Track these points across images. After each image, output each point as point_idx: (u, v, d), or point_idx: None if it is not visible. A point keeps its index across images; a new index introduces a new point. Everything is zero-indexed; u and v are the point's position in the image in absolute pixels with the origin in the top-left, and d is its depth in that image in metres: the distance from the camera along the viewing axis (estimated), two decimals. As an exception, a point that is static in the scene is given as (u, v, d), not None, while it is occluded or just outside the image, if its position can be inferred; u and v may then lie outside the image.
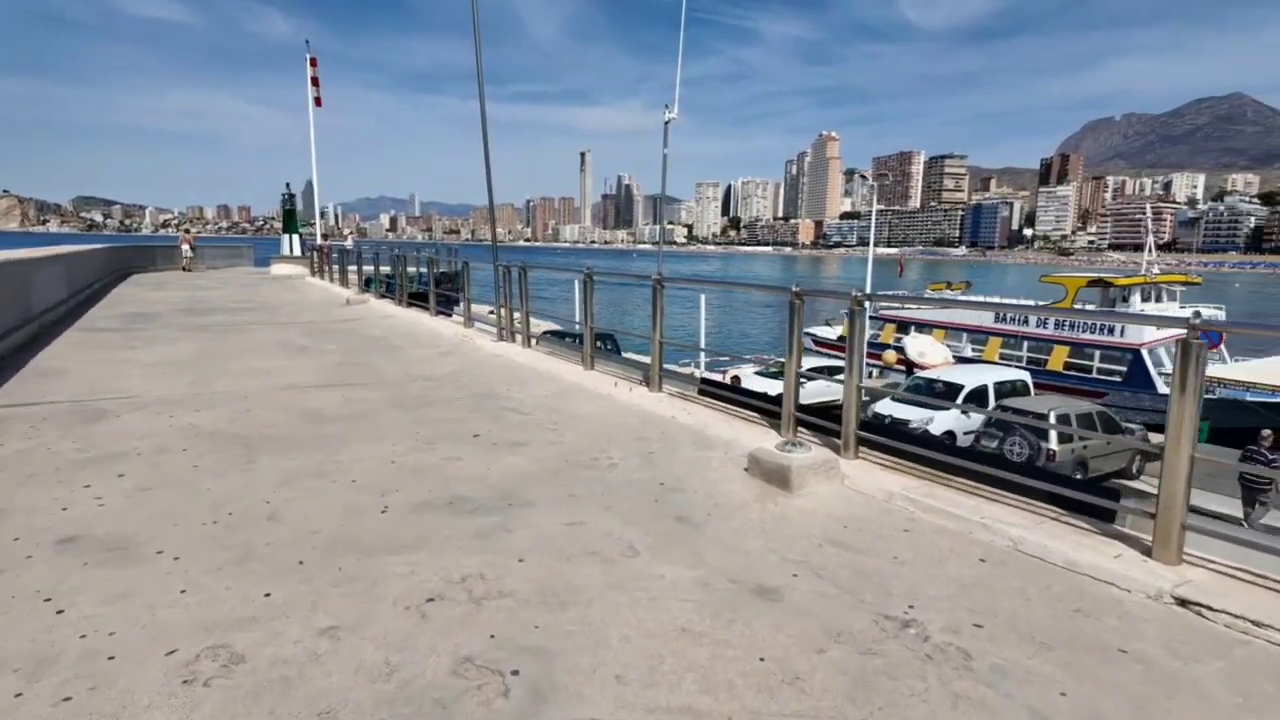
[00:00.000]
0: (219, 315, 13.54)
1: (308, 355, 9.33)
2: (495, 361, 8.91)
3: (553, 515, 3.97)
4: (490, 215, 10.46)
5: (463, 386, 7.42)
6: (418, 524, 3.83)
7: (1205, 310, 25.96)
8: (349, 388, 7.30)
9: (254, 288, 20.89)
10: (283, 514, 3.96)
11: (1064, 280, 26.42)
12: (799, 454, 4.38)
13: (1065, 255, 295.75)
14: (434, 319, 12.64)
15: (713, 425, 5.65)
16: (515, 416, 6.17)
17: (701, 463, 4.90)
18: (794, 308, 5.15)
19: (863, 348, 4.83)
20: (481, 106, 10.60)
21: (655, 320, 6.77)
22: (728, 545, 3.61)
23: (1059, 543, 3.46)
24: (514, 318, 9.89)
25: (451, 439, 5.46)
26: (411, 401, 6.70)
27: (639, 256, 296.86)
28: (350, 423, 5.92)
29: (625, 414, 6.22)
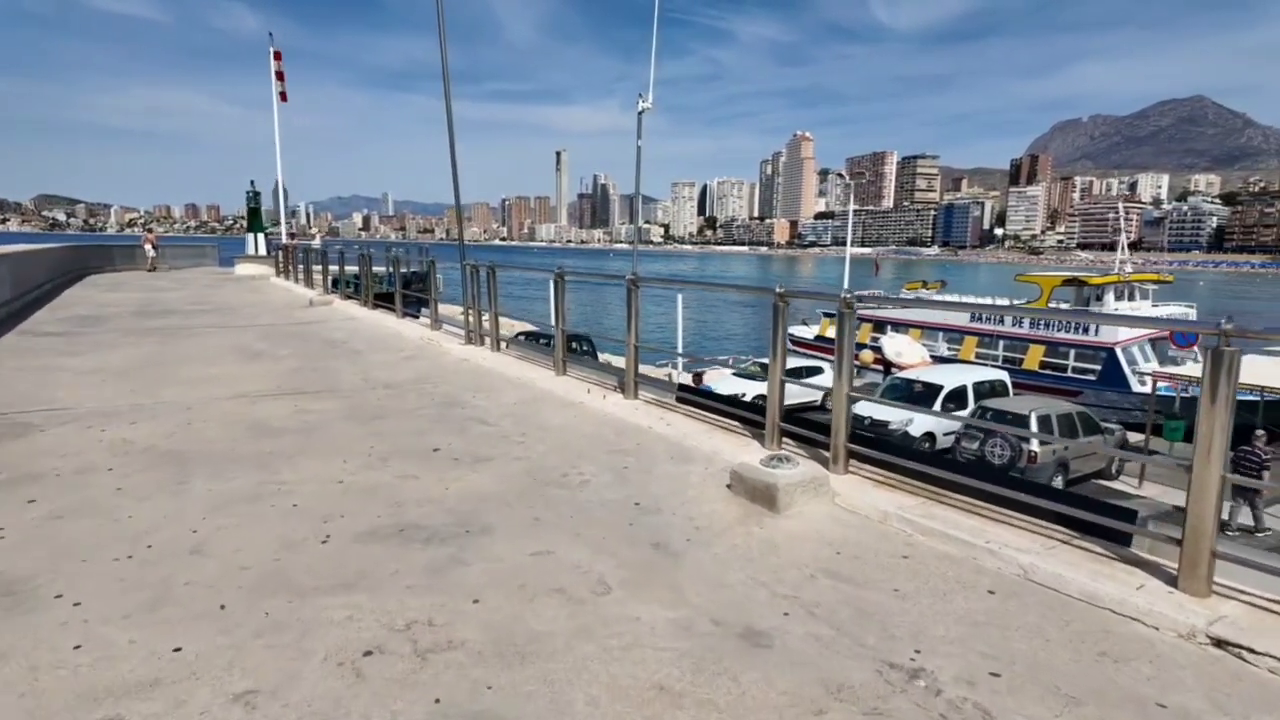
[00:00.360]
0: (172, 318, 12.91)
1: (262, 361, 8.81)
2: (462, 367, 8.46)
3: (516, 544, 3.56)
4: (457, 213, 10.00)
5: (425, 394, 6.97)
6: (362, 557, 3.41)
7: (1177, 308, 26.21)
8: (302, 397, 6.81)
9: (214, 289, 20.14)
10: (210, 546, 3.52)
11: (1039, 279, 26.48)
12: (786, 470, 4.02)
13: (1035, 254, 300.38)
14: (400, 321, 12.13)
15: (692, 436, 5.27)
16: (480, 428, 5.75)
17: (680, 479, 4.52)
18: (778, 310, 4.79)
19: (852, 352, 4.48)
20: (447, 104, 10.14)
21: (630, 323, 6.39)
22: (710, 578, 3.23)
23: (1074, 571, 3.14)
24: (483, 320, 9.45)
25: (408, 454, 5.02)
26: (368, 412, 6.24)
27: (615, 256, 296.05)
28: (299, 437, 5.46)
29: (598, 424, 5.82)
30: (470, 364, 8.58)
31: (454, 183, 10.27)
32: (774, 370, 4.90)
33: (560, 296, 7.48)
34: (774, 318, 4.83)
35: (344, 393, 7.05)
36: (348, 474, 4.60)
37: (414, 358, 9.07)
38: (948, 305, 27.54)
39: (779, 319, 4.82)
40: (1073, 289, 26.10)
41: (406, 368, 8.39)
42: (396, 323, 11.99)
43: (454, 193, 9.99)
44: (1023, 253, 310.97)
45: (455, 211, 11.28)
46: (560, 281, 7.39)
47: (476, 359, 8.73)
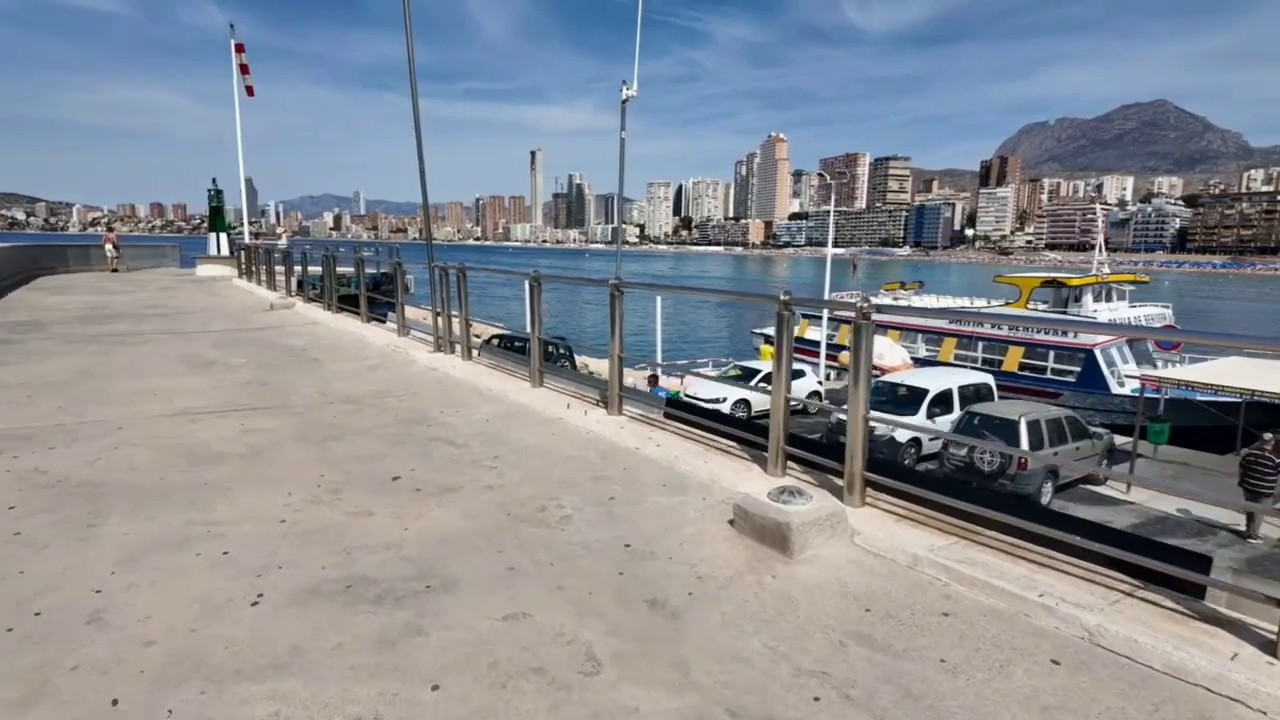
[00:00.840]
0: (119, 323, 12.08)
1: (211, 372, 8.11)
2: (429, 377, 7.84)
3: (485, 603, 2.99)
4: (424, 212, 9.36)
5: (387, 410, 6.35)
6: (299, 624, 2.82)
7: (1154, 309, 26.27)
8: (250, 414, 6.16)
9: (172, 291, 19.20)
10: (113, 612, 2.90)
11: (1018, 281, 26.40)
12: (799, 506, 3.50)
13: (1005, 254, 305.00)
14: (365, 326, 11.45)
15: (685, 459, 4.73)
16: (447, 450, 5.15)
17: (675, 513, 3.98)
18: (782, 319, 4.27)
19: (869, 368, 3.97)
20: (414, 103, 9.51)
21: (613, 330, 5.83)
22: (720, 647, 2.69)
23: (1150, 635, 2.64)
24: (453, 326, 8.83)
25: (365, 484, 4.42)
26: (322, 431, 5.61)
27: (591, 256, 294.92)
28: (241, 463, 4.82)
29: (580, 444, 5.26)
30: (439, 374, 7.97)
31: (421, 181, 9.63)
32: (778, 386, 4.38)
33: (536, 301, 6.91)
34: (778, 327, 4.31)
35: (298, 409, 6.40)
36: (292, 510, 3.98)
37: (378, 367, 8.42)
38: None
39: (784, 329, 4.30)
40: (1052, 290, 26.04)
41: (369, 379, 7.75)
42: (361, 328, 11.31)
43: (421, 191, 9.35)
44: (993, 253, 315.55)
45: (432, 211, 10.65)
46: (537, 285, 6.82)
47: (446, 368, 8.11)
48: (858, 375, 3.92)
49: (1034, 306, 25.70)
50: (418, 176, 9.87)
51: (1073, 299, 25.47)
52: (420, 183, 10.01)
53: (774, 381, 4.40)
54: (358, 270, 11.58)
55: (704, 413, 5.51)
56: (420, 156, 10.05)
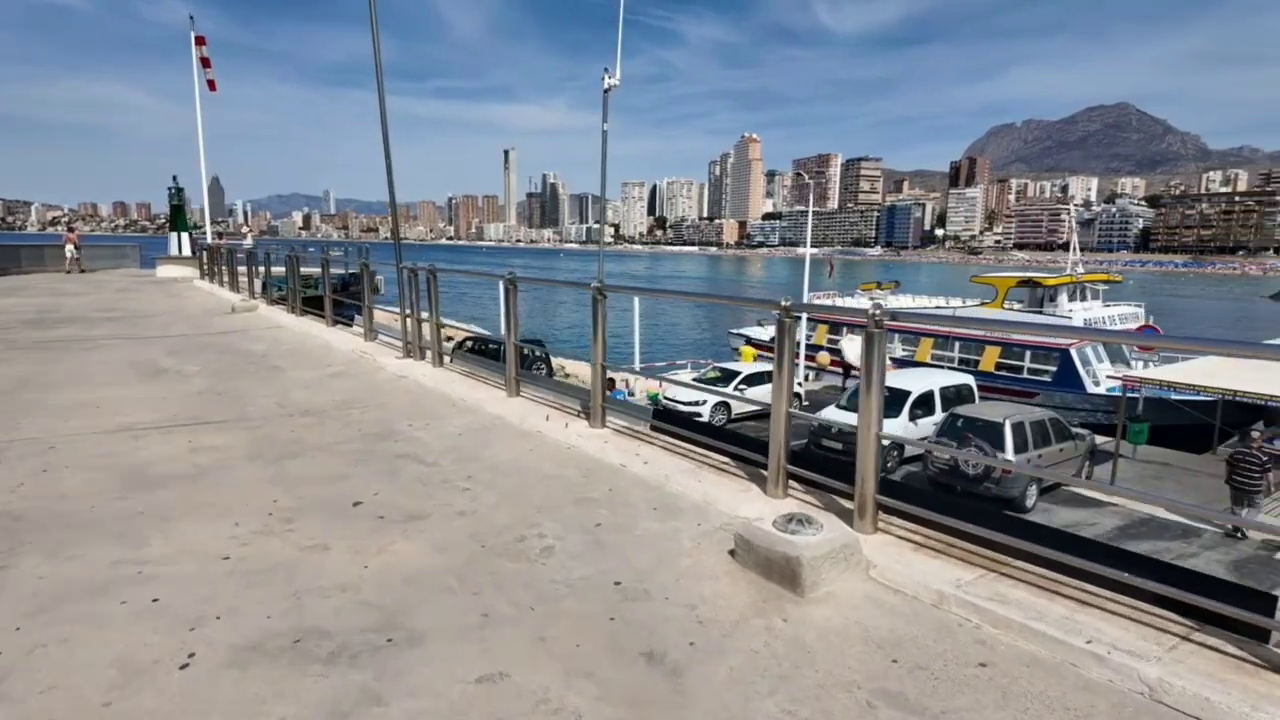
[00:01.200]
0: (69, 328, 11.41)
1: (163, 381, 7.57)
2: (397, 386, 7.37)
3: (456, 660, 2.59)
4: (392, 210, 8.87)
5: (351, 423, 5.89)
6: (235, 692, 2.39)
7: (1127, 308, 26.48)
8: (200, 429, 5.66)
9: (129, 293, 18.40)
10: (12, 681, 2.44)
11: (995, 280, 26.45)
12: (809, 536, 3.13)
13: (974, 254, 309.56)
14: (330, 330, 10.91)
15: (676, 478, 4.35)
16: (415, 469, 4.72)
17: (669, 541, 3.60)
18: (784, 327, 3.90)
19: (881, 381, 3.62)
20: (380, 99, 9.03)
21: (596, 337, 5.44)
22: (730, 712, 2.31)
23: (1222, 691, 2.32)
24: (423, 330, 8.37)
25: (322, 510, 3.98)
26: (279, 449, 5.15)
27: (566, 256, 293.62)
28: (185, 486, 4.35)
29: (561, 461, 4.85)
30: (407, 383, 7.50)
31: (388, 180, 9.14)
32: (779, 397, 4.02)
33: (512, 304, 6.49)
34: (779, 334, 3.95)
35: (254, 422, 5.92)
36: (238, 544, 3.53)
37: (342, 375, 7.93)
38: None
39: (785, 338, 3.93)
40: (1027, 290, 26.12)
41: (332, 388, 7.27)
42: (326, 332, 10.77)
43: (388, 190, 8.86)
44: (962, 253, 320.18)
45: (403, 211, 10.15)
46: (512, 288, 6.39)
47: (415, 375, 7.65)
48: (870, 387, 3.56)
49: (1009, 306, 25.76)
50: (382, 175, 9.39)
51: (1048, 299, 25.56)
52: (387, 182, 9.53)
53: (774, 394, 4.04)
54: (323, 272, 11.04)
55: (696, 426, 5.14)
56: (387, 155, 9.57)
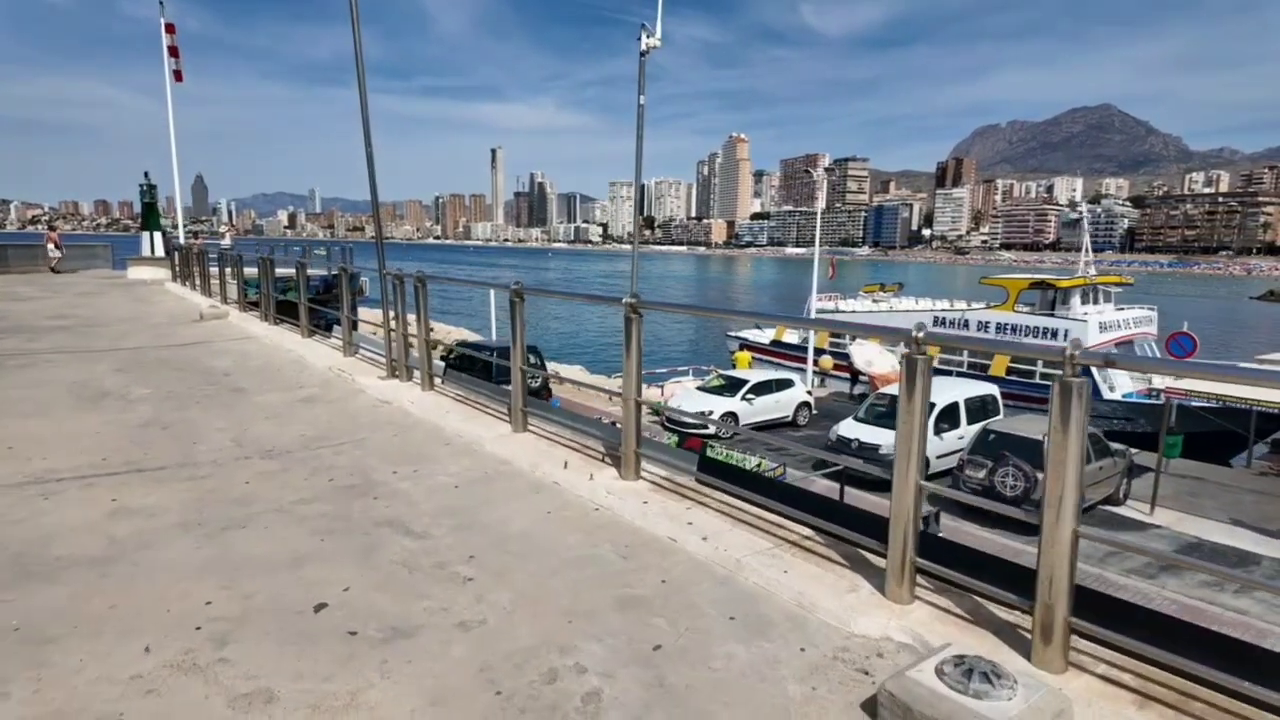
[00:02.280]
0: (8, 340, 10.16)
1: (101, 409, 6.39)
2: (379, 415, 6.24)
3: None
4: (375, 211, 7.70)
5: (321, 469, 4.76)
6: None
7: (1140, 311, 25.68)
8: (132, 480, 4.52)
9: (91, 297, 17.08)
10: None
11: (1005, 282, 25.56)
12: (1000, 699, 2.05)
13: (961, 254, 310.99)
14: (305, 342, 9.73)
15: (750, 564, 3.26)
16: (400, 544, 3.60)
17: (765, 683, 2.50)
18: (914, 366, 2.82)
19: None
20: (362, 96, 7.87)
21: (629, 363, 4.34)
22: None
23: None
24: (409, 344, 7.24)
25: (271, 620, 2.86)
26: (225, 512, 4.01)
27: (554, 255, 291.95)
28: (87, 578, 3.22)
29: (591, 532, 3.75)
30: (392, 410, 6.37)
31: (370, 179, 7.96)
32: (905, 463, 2.94)
33: (518, 322, 5.37)
34: (907, 376, 2.87)
35: (200, 468, 4.78)
36: (139, 694, 2.41)
37: (315, 400, 6.78)
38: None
39: (914, 376, 2.86)
40: (1039, 292, 25.26)
41: (302, 418, 6.12)
42: (301, 345, 9.59)
43: (371, 190, 7.69)
44: (949, 253, 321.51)
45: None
46: (519, 301, 5.28)
47: (401, 401, 6.52)
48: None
49: (1020, 309, 24.88)
50: (378, 175, 8.27)
51: (1060, 301, 24.71)
52: (369, 181, 8.39)
53: (899, 458, 2.96)
54: (298, 275, 9.85)
55: (758, 483, 4.05)
56: (369, 153, 8.43)
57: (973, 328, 25.06)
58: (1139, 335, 24.73)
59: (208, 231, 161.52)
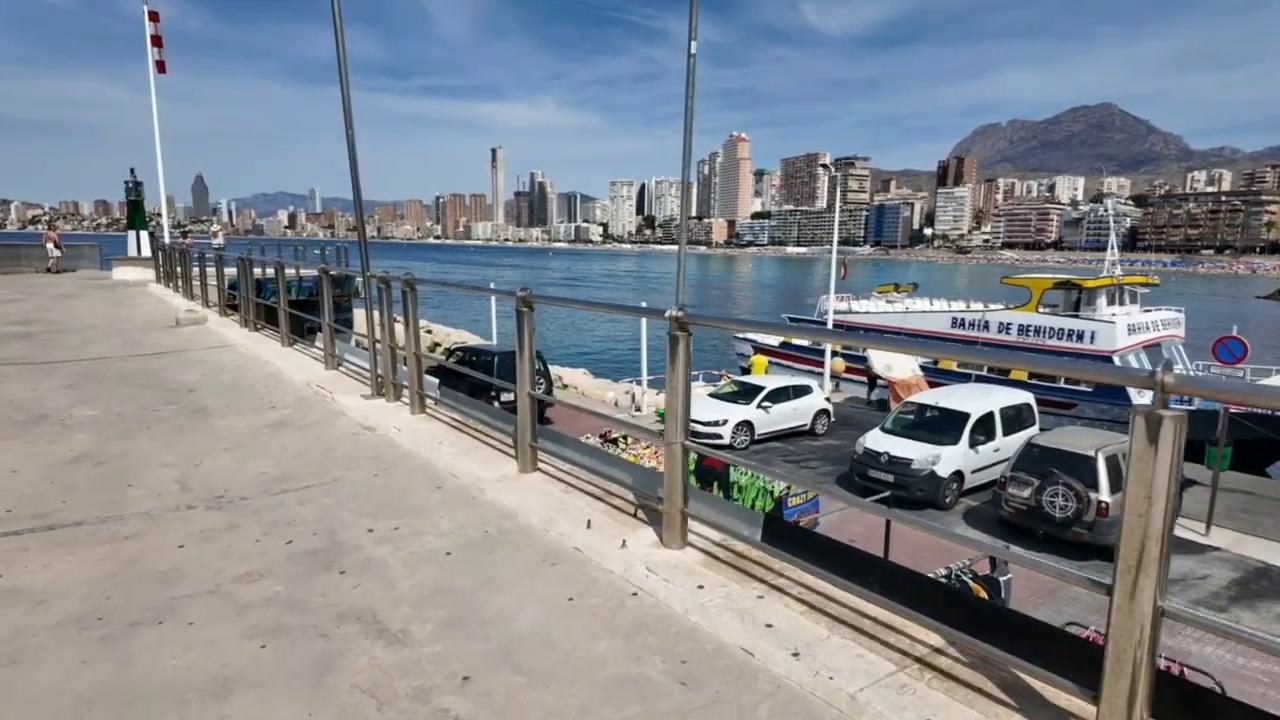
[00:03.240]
0: (-44, 349, 9.18)
1: (30, 436, 5.40)
2: (359, 445, 5.23)
3: None
4: (357, 208, 6.67)
5: (279, 524, 3.76)
6: None
7: (1168, 313, 24.68)
8: (35, 541, 3.52)
9: (68, 299, 16.10)
10: None
11: (1028, 282, 24.54)
12: None
13: (963, 253, 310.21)
14: (285, 353, 8.73)
15: (874, 703, 2.25)
16: (369, 655, 2.60)
17: None
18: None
19: None
20: (344, 88, 6.89)
21: (675, 400, 3.33)
22: None
23: None
24: (397, 359, 6.24)
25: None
26: (140, 595, 3.01)
27: (555, 255, 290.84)
28: (-92, 723, 2.22)
29: (631, 636, 2.75)
30: (374, 439, 5.37)
31: (352, 171, 6.95)
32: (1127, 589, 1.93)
33: (526, 334, 4.36)
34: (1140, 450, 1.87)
35: (126, 523, 3.78)
36: None
37: (286, 425, 5.78)
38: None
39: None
40: (1063, 292, 24.25)
41: (267, 449, 5.12)
42: (279, 355, 8.58)
43: (353, 186, 6.66)
44: (951, 252, 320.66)
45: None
46: (527, 310, 4.27)
47: (385, 428, 5.52)
48: None
49: (1043, 310, 23.85)
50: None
51: (1085, 302, 23.70)
52: (352, 177, 7.41)
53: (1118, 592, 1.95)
54: (277, 277, 8.83)
55: (857, 562, 3.03)
56: (351, 147, 7.44)
57: (993, 330, 24.05)
58: (1166, 338, 23.73)
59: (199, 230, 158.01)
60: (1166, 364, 1.79)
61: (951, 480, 12.75)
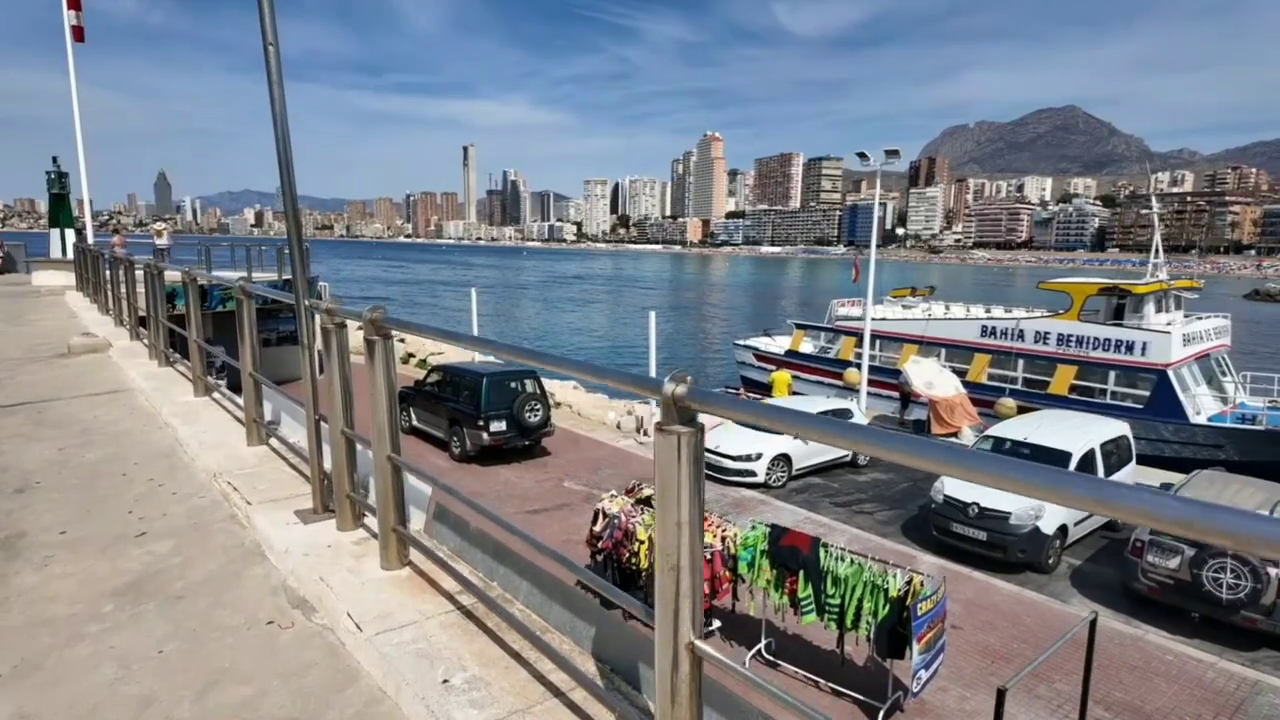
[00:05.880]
0: None
1: None
2: (275, 663, 2.58)
3: None
4: (289, 216, 3.93)
5: None
6: None
7: (1218, 321, 22.68)
8: None
9: (-46, 313, 13.06)
10: None
11: (1069, 287, 22.34)
12: None
13: (935, 253, 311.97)
14: (197, 405, 5.99)
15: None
16: None
17: None
18: None
19: None
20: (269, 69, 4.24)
21: None
22: None
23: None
24: (357, 452, 3.57)
25: None
26: None
27: (529, 255, 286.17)
28: None
29: None
30: (310, 642, 2.71)
31: (280, 166, 4.25)
32: None
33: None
34: None
35: None
36: None
37: (149, 590, 3.09)
38: None
39: None
40: (1106, 298, 22.11)
41: (87, 677, 2.44)
42: (186, 412, 5.82)
43: (282, 182, 3.90)
44: (924, 251, 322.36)
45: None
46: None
47: (333, 609, 2.87)
48: None
49: (1085, 318, 21.70)
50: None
51: (1132, 309, 21.58)
52: (280, 173, 4.78)
53: None
54: (187, 295, 6.05)
55: None
56: (281, 144, 4.83)
57: (1029, 339, 21.84)
58: (1217, 348, 21.72)
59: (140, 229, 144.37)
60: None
61: (1055, 537, 10.38)
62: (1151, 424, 19.41)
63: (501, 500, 12.51)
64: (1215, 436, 19.10)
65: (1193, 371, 20.47)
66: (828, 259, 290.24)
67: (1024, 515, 10.18)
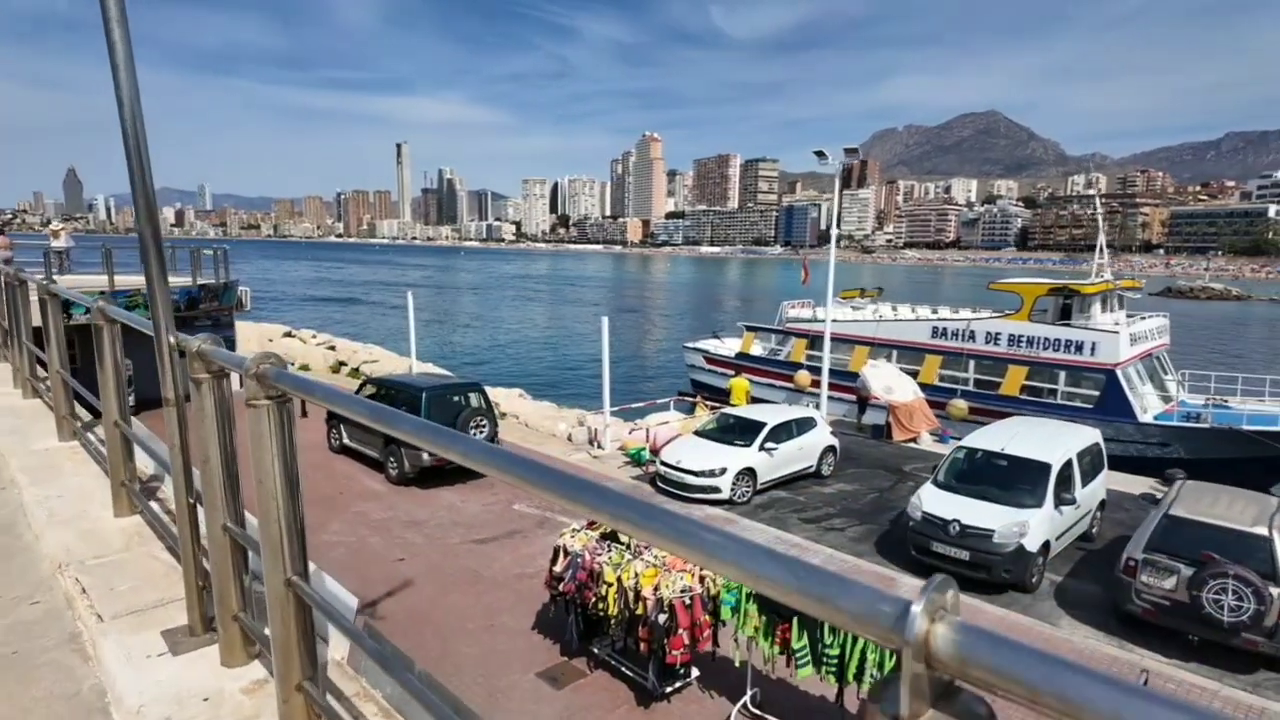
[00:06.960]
0: None
1: None
2: None
3: None
4: (138, 204, 3.08)
5: None
6: None
7: (1158, 320, 23.07)
8: None
9: None
10: None
11: (1019, 287, 22.35)
12: None
13: (868, 253, 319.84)
14: (60, 453, 4.74)
15: None
16: None
17: None
18: None
19: None
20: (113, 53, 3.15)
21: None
22: None
23: None
24: (250, 556, 2.53)
25: None
26: None
27: (467, 255, 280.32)
28: None
29: None
30: None
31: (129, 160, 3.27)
32: None
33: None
34: None
35: None
36: None
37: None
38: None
39: None
40: (1054, 299, 22.22)
41: None
42: (43, 466, 4.57)
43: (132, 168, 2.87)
44: (857, 251, 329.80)
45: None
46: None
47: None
48: None
49: (1034, 318, 21.75)
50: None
51: (1079, 309, 21.72)
52: (129, 168, 3.67)
53: None
54: (43, 313, 4.78)
55: None
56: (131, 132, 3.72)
57: (980, 340, 21.75)
58: (1159, 347, 22.08)
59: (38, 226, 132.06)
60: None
61: (1039, 555, 9.88)
62: (1103, 423, 19.49)
63: (445, 529, 11.35)
64: (1165, 435, 19.30)
65: (1139, 371, 20.70)
66: (765, 259, 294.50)
67: (1008, 533, 9.63)
